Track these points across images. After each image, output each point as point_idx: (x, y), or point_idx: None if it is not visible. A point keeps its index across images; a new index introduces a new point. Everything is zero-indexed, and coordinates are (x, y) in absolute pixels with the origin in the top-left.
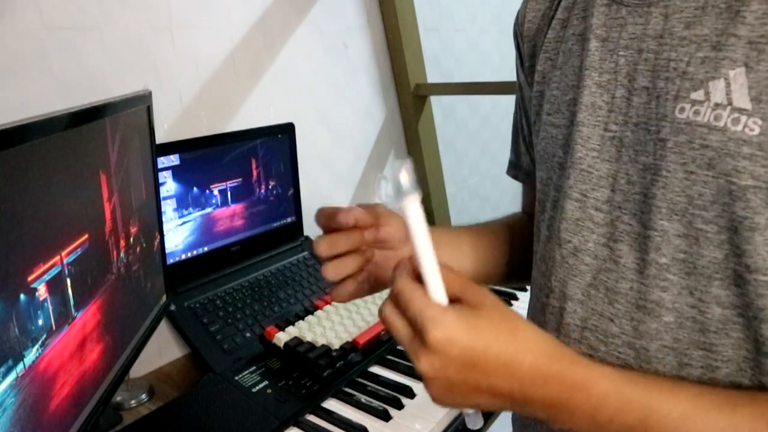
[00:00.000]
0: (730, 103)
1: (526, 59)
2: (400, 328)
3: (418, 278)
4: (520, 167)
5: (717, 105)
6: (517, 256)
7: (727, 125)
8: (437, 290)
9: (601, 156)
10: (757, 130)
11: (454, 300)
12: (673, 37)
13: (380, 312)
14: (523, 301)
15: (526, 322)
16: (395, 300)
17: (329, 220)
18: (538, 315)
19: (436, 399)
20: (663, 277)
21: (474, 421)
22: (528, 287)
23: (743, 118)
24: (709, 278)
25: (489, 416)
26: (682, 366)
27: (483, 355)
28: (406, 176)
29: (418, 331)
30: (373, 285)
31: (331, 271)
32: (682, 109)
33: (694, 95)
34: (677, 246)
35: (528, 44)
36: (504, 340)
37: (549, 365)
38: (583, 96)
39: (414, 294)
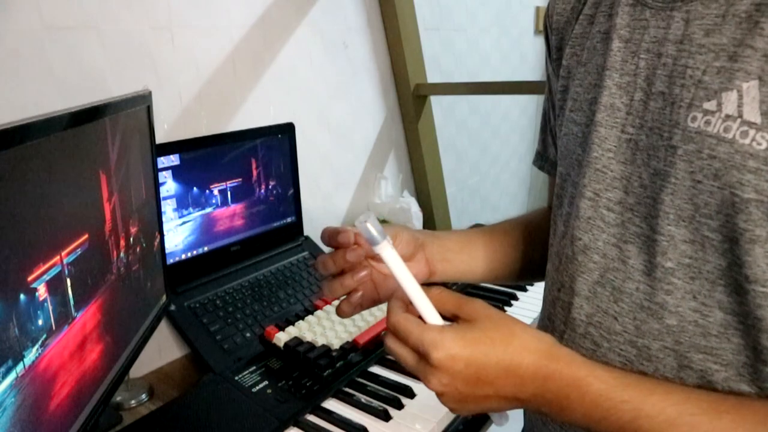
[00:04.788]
0: (740, 116)
1: (553, 51)
2: (406, 355)
3: (409, 304)
4: (546, 158)
5: (728, 116)
6: (532, 254)
7: (736, 138)
8: (430, 315)
9: (617, 157)
10: (764, 145)
11: (451, 317)
12: (692, 44)
13: (384, 344)
14: (522, 301)
15: (522, 326)
16: (394, 333)
17: (331, 239)
18: (549, 307)
19: (454, 410)
20: (668, 281)
21: (499, 419)
22: (527, 287)
23: (752, 132)
24: (713, 284)
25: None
26: (682, 367)
27: (484, 365)
28: (372, 228)
29: (422, 355)
30: (374, 300)
31: (326, 291)
32: (694, 118)
33: (706, 105)
34: (683, 251)
35: (556, 37)
36: (501, 346)
37: (547, 364)
38: (603, 96)
39: (409, 324)
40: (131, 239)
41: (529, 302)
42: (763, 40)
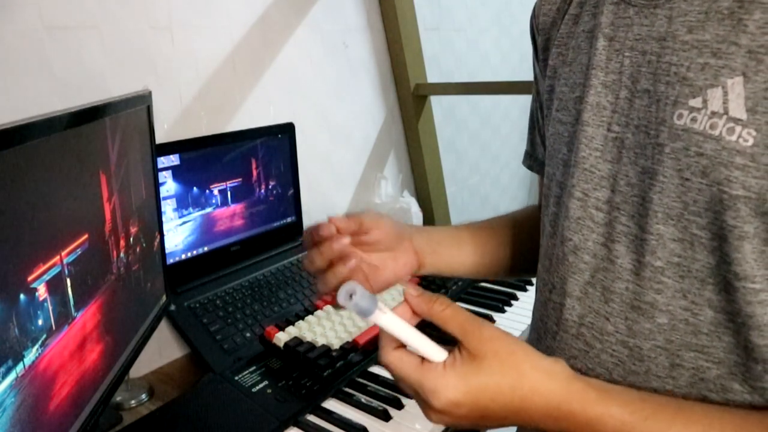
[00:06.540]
0: (726, 113)
1: (540, 52)
2: (407, 389)
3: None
4: (535, 158)
5: (714, 113)
6: (522, 249)
7: (722, 134)
8: (433, 353)
9: (603, 156)
10: (750, 141)
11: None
12: (675, 41)
13: (382, 364)
14: (523, 301)
15: (532, 363)
16: (389, 371)
17: (313, 235)
18: (541, 309)
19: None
20: (658, 280)
21: None
22: (528, 287)
23: (738, 129)
24: (703, 282)
25: None
26: (674, 366)
27: (490, 408)
28: (361, 301)
29: (421, 397)
30: (376, 287)
31: (321, 286)
32: (680, 116)
33: (692, 102)
34: (672, 250)
35: (542, 37)
36: (509, 392)
37: (558, 406)
38: (589, 95)
39: (405, 368)
40: (131, 239)
41: (530, 302)
42: (746, 36)
